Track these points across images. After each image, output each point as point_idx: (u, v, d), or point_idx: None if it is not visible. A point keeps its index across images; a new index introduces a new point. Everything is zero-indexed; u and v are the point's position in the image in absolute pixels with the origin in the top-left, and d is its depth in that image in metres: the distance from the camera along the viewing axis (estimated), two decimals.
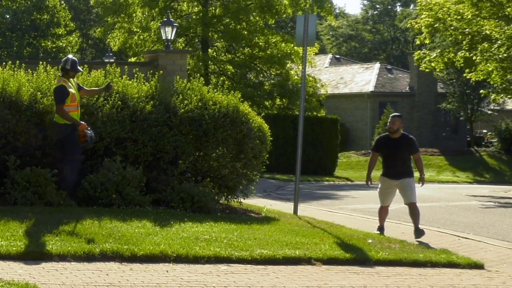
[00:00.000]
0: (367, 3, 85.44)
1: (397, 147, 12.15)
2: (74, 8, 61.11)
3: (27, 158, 12.10)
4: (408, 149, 12.23)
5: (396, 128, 12.16)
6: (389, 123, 12.24)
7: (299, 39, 14.55)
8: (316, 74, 43.11)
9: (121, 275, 7.80)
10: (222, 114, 13.50)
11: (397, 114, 12.44)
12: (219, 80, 20.71)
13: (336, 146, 34.64)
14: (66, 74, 12.06)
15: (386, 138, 12.37)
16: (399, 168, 12.22)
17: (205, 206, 12.53)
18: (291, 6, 34.79)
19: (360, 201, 20.57)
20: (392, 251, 10.04)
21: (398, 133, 12.20)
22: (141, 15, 35.47)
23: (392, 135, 12.22)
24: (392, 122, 12.18)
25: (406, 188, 12.27)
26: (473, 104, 43.70)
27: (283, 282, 8.09)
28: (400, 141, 12.20)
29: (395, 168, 12.26)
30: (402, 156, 12.18)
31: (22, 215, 10.24)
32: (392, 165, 12.31)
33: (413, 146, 12.28)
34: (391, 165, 12.32)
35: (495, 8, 24.68)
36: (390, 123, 12.20)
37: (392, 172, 12.29)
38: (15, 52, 45.38)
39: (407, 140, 12.28)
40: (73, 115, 11.91)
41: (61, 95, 11.84)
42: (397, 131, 12.18)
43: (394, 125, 12.15)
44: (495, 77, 25.68)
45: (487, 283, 8.82)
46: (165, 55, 15.48)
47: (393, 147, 12.19)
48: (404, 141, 12.24)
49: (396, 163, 12.23)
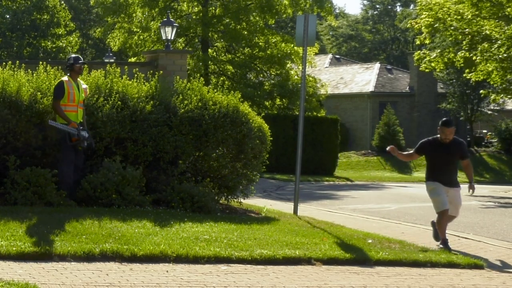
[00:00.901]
0: (367, 3, 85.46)
1: (448, 151, 11.07)
2: (74, 8, 61.11)
3: (27, 158, 12.11)
4: (459, 154, 11.18)
5: (452, 137, 11.08)
6: (442, 134, 10.99)
7: (299, 39, 14.56)
8: (316, 74, 43.12)
9: (121, 275, 7.81)
10: (222, 114, 13.50)
11: (452, 122, 11.25)
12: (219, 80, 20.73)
13: (336, 146, 34.65)
14: (71, 70, 12.20)
15: (436, 141, 11.20)
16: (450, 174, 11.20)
17: (205, 206, 12.53)
18: (291, 6, 34.80)
19: (360, 201, 20.58)
20: (392, 251, 10.04)
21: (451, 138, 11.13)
22: (141, 15, 35.47)
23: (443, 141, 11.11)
24: (450, 133, 11.00)
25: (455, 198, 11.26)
26: (473, 104, 43.70)
27: (283, 282, 8.09)
28: (450, 146, 11.09)
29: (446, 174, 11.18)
30: (453, 161, 11.18)
31: (22, 215, 10.24)
32: (444, 171, 11.18)
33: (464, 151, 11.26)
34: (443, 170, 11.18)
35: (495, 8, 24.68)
36: (443, 134, 10.98)
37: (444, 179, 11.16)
38: (15, 52, 45.37)
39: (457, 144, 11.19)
40: (70, 115, 11.93)
41: (57, 91, 12.02)
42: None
43: (451, 135, 11.05)
44: (495, 77, 25.69)
45: (487, 283, 8.82)
46: (165, 55, 15.48)
47: (443, 151, 11.09)
48: (455, 145, 11.14)
49: (448, 169, 11.17)
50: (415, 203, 19.58)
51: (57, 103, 11.96)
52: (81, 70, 12.42)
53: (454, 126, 11.15)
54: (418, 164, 40.82)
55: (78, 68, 12.30)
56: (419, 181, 33.18)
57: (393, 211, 17.36)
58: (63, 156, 12.03)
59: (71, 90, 12.04)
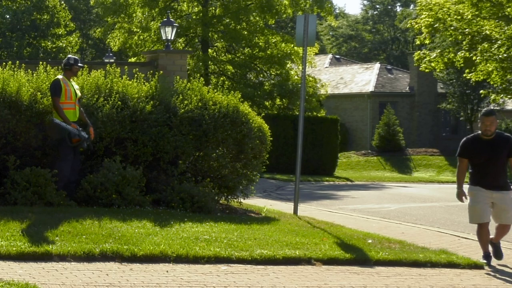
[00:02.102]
0: (367, 3, 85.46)
1: (492, 149, 9.80)
2: (74, 8, 61.10)
3: (27, 158, 12.11)
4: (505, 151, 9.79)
5: (494, 129, 9.81)
6: (483, 126, 9.79)
7: (299, 39, 14.56)
8: (316, 74, 43.13)
9: (121, 275, 7.81)
10: (222, 114, 13.50)
11: (492, 112, 9.90)
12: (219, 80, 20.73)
13: (336, 146, 34.64)
14: (69, 70, 12.20)
15: (476, 139, 9.97)
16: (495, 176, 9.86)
17: (205, 206, 12.53)
18: (291, 6, 34.81)
19: (360, 201, 20.58)
20: (392, 251, 10.04)
21: (494, 132, 9.83)
22: (141, 15, 35.48)
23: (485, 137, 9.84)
24: (490, 122, 9.75)
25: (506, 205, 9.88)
26: (473, 104, 43.70)
27: (283, 282, 8.09)
28: (494, 142, 9.80)
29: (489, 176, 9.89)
30: (499, 160, 9.79)
31: (22, 215, 10.24)
32: (484, 173, 9.92)
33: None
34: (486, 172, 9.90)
35: (495, 8, 24.70)
36: (484, 126, 9.78)
37: (488, 182, 9.88)
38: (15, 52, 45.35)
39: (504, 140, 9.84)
40: (68, 112, 11.94)
41: (54, 89, 12.00)
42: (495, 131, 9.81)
43: (492, 126, 9.77)
44: (495, 77, 25.70)
45: (487, 283, 8.82)
46: (165, 55, 15.48)
47: (488, 150, 9.82)
48: (500, 141, 9.82)
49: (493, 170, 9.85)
50: (415, 203, 19.58)
51: (57, 100, 11.96)
52: (77, 72, 12.43)
53: (495, 115, 9.85)
54: (418, 164, 40.84)
55: (76, 70, 12.32)
56: (419, 181, 33.21)
57: (393, 211, 17.35)
58: (62, 155, 12.03)
59: (68, 87, 12.06)
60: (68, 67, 12.25)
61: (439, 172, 39.31)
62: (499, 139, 9.75)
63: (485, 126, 9.71)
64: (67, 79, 12.20)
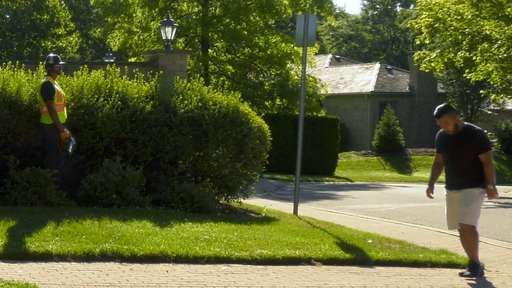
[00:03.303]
0: (367, 3, 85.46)
1: (456, 144, 8.99)
2: (74, 8, 61.10)
3: (27, 158, 12.10)
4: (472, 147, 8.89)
5: (452, 128, 8.93)
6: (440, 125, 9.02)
7: (299, 39, 14.56)
8: (316, 74, 43.12)
9: (121, 275, 7.81)
10: (222, 114, 13.50)
11: (441, 111, 8.93)
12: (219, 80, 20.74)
13: (336, 146, 34.66)
14: (51, 70, 12.12)
15: (444, 133, 9.14)
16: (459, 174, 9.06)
17: (205, 206, 12.53)
18: (291, 6, 34.81)
19: (360, 201, 20.58)
20: (392, 251, 10.04)
21: (460, 127, 8.95)
22: (141, 15, 35.48)
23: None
24: (444, 123, 8.94)
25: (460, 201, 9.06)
26: (473, 104, 43.72)
27: (283, 282, 8.09)
28: (459, 137, 8.95)
29: (453, 174, 9.17)
30: (463, 156, 8.94)
31: (22, 215, 10.24)
32: (449, 171, 9.22)
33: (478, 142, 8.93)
34: (451, 170, 9.20)
35: (495, 8, 24.68)
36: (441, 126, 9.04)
37: (452, 180, 9.17)
38: (15, 52, 45.35)
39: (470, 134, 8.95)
40: (60, 114, 11.90)
41: (48, 91, 11.90)
42: (457, 128, 8.93)
43: (447, 125, 8.95)
44: (495, 77, 25.68)
45: (487, 283, 8.82)
46: (165, 55, 15.48)
47: (452, 145, 9.05)
48: (466, 136, 8.93)
49: (455, 167, 9.10)
50: (415, 203, 19.58)
51: (51, 103, 11.86)
52: (60, 70, 12.34)
53: (448, 113, 8.86)
54: (418, 164, 40.83)
55: (58, 69, 12.19)
56: (419, 181, 33.21)
57: (393, 211, 17.36)
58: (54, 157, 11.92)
59: (59, 89, 12.03)
60: (49, 67, 12.14)
61: None
62: (465, 134, 8.89)
63: (441, 127, 9.03)
64: (53, 80, 12.13)
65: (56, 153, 11.92)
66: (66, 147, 11.82)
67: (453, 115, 8.88)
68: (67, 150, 11.84)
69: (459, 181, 9.01)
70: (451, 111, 8.90)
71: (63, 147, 11.84)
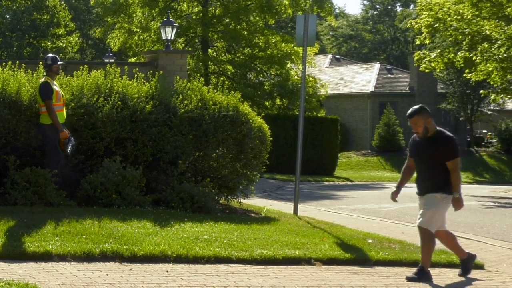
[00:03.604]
0: (367, 3, 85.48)
1: (424, 149, 8.78)
2: (74, 8, 61.11)
3: (27, 158, 12.10)
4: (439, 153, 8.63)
5: (422, 130, 8.68)
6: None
7: (299, 39, 14.56)
8: (316, 74, 43.13)
9: (121, 275, 7.81)
10: (222, 114, 13.50)
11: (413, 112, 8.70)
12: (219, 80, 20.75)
13: (336, 146, 34.66)
14: (49, 71, 12.11)
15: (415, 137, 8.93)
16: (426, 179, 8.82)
17: (205, 206, 12.53)
18: (291, 6, 34.82)
19: (360, 201, 20.58)
20: (392, 251, 10.04)
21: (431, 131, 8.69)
22: (141, 15, 35.48)
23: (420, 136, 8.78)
24: (414, 124, 8.69)
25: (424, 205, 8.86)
26: (473, 104, 43.71)
27: (283, 282, 8.09)
28: (428, 142, 8.72)
29: (419, 179, 8.95)
30: (430, 162, 8.69)
31: (22, 215, 10.24)
32: (418, 175, 8.98)
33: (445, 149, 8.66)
34: (419, 175, 8.95)
35: (495, 8, 24.68)
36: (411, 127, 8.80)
37: (419, 186, 8.95)
38: (15, 52, 45.37)
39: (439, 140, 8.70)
40: (59, 114, 11.90)
41: (46, 91, 11.89)
42: (426, 131, 8.69)
43: (416, 127, 8.70)
44: (495, 77, 25.68)
45: (487, 283, 8.82)
46: (165, 55, 15.48)
47: (420, 149, 8.84)
48: (434, 142, 8.69)
49: (424, 173, 8.85)
50: (415, 203, 19.44)
51: (50, 103, 11.85)
52: (59, 70, 12.34)
53: (420, 114, 8.61)
54: None
55: (56, 69, 12.17)
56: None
57: (393, 211, 17.36)
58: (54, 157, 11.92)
59: (57, 89, 12.03)
60: (48, 68, 12.14)
61: None
62: (435, 139, 8.62)
63: (412, 128, 8.74)
64: (52, 80, 12.13)
65: (56, 153, 11.92)
66: (65, 147, 11.83)
67: (425, 117, 8.59)
68: (66, 150, 11.84)
69: (424, 186, 8.76)
70: (424, 113, 8.60)
71: (62, 147, 11.84)
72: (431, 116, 8.68)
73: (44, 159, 12.06)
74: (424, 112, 8.62)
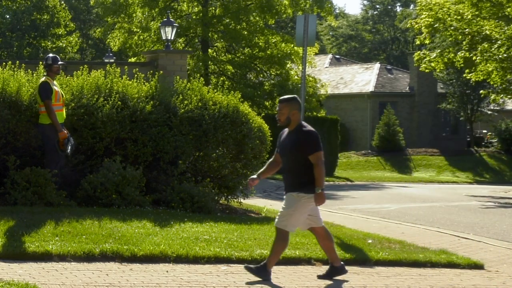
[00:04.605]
0: (367, 3, 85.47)
1: (286, 143, 8.60)
2: (74, 8, 61.10)
3: (27, 158, 12.11)
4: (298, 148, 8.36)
5: (284, 119, 8.51)
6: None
7: (299, 39, 14.58)
8: (316, 74, 43.11)
9: (121, 275, 7.81)
10: (222, 114, 13.50)
11: (283, 98, 8.59)
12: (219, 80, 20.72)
13: (336, 146, 34.65)
14: (49, 71, 12.10)
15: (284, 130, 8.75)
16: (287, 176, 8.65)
17: (205, 206, 12.53)
18: (291, 6, 34.80)
19: (360, 201, 20.58)
20: (392, 251, 10.04)
21: (293, 125, 8.53)
22: (141, 15, 35.47)
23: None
24: (279, 109, 8.47)
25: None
26: (473, 104, 43.70)
27: (283, 282, 8.09)
28: (291, 135, 8.56)
29: (283, 175, 8.77)
30: (291, 156, 8.46)
31: (22, 215, 10.24)
32: (282, 171, 8.77)
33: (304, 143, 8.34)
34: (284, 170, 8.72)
35: (495, 8, 24.68)
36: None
37: (284, 182, 8.82)
38: (15, 52, 45.36)
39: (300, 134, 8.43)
40: (58, 114, 11.90)
41: (45, 91, 11.88)
42: (288, 122, 8.53)
43: (280, 114, 8.48)
44: (495, 77, 25.68)
45: (487, 283, 8.82)
46: (165, 55, 15.49)
47: (283, 143, 8.65)
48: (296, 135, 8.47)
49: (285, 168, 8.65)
50: (415, 203, 19.58)
51: (49, 103, 11.85)
52: (59, 71, 12.33)
53: (288, 103, 8.41)
54: (418, 164, 40.84)
55: (57, 69, 12.16)
56: (419, 181, 33.22)
57: (393, 211, 17.36)
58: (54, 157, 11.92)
59: (56, 88, 12.03)
60: (48, 68, 12.13)
61: (439, 172, 39.31)
62: (296, 132, 8.44)
63: (277, 114, 8.52)
64: (52, 80, 12.13)
65: (55, 153, 11.92)
66: (65, 147, 11.83)
67: (292, 107, 8.34)
68: (65, 150, 11.84)
69: (287, 184, 8.60)
70: (292, 104, 8.36)
71: (62, 147, 11.84)
72: (299, 110, 8.46)
73: (44, 159, 12.07)
74: (293, 103, 8.39)
